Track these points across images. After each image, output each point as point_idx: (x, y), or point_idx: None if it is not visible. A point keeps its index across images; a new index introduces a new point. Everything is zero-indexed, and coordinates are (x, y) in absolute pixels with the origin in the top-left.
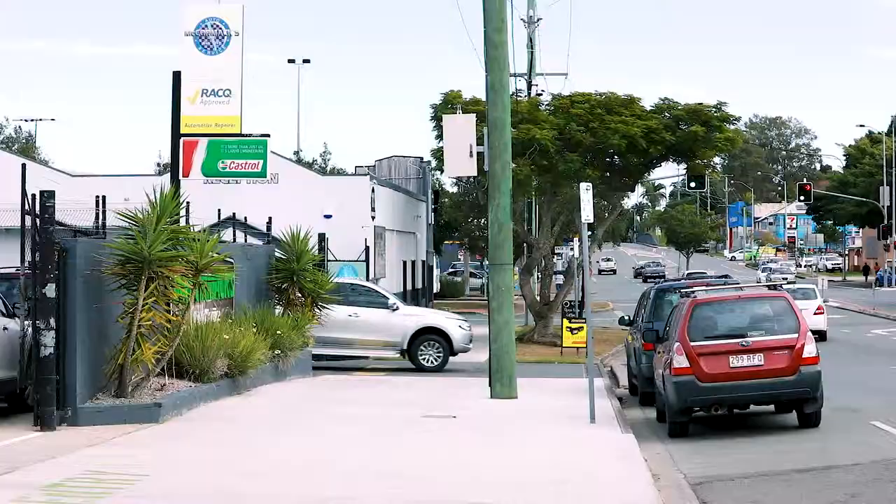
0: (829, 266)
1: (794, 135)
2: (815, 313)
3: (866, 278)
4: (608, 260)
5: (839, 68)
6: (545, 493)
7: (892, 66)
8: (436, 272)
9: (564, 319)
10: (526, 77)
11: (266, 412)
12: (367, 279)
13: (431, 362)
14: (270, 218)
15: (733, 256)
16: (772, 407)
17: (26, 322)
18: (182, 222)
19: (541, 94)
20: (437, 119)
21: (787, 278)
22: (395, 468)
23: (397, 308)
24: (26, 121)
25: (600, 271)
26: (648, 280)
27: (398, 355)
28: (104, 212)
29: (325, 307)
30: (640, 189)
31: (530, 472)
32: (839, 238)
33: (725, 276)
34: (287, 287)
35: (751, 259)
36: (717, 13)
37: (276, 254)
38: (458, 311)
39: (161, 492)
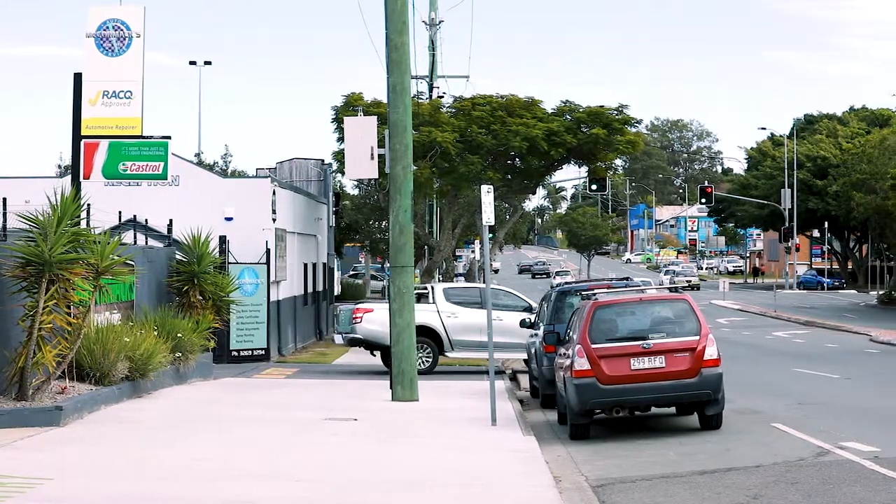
0: (731, 269)
1: (695, 137)
2: None
3: (755, 279)
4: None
5: (741, 71)
6: (444, 495)
7: (795, 69)
8: (337, 274)
9: None
10: (427, 79)
11: (167, 415)
12: (269, 281)
13: None
14: (171, 220)
15: (628, 259)
16: (673, 409)
17: None
18: (83, 224)
19: (442, 97)
20: (338, 121)
21: (690, 281)
22: (294, 470)
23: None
24: None
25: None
26: (536, 277)
27: None
28: (4, 214)
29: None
30: (541, 191)
31: (430, 474)
32: (741, 241)
33: (627, 279)
34: (188, 289)
35: (647, 261)
36: (619, 16)
37: (177, 256)
38: None
39: (62, 495)
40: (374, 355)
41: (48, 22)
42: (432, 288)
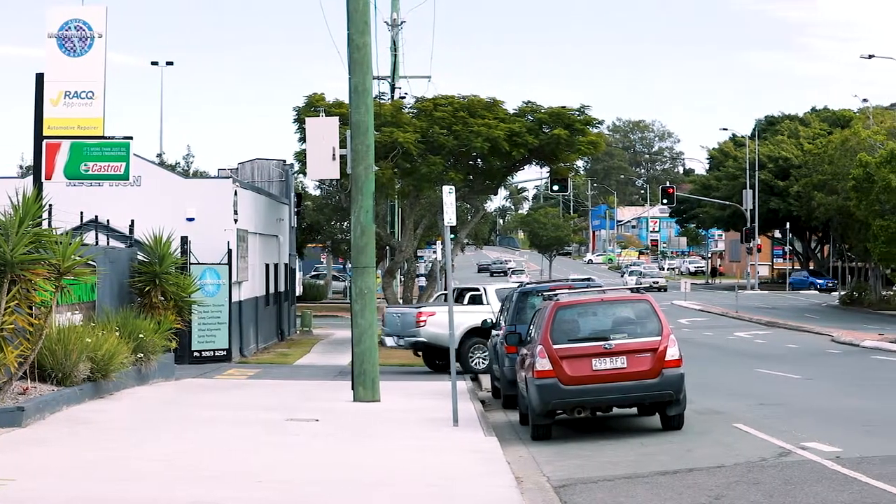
0: (692, 269)
1: (657, 138)
2: None
3: (711, 280)
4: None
5: (704, 72)
6: (406, 495)
7: (757, 70)
8: (298, 275)
9: None
10: (389, 80)
11: (129, 416)
12: (230, 282)
13: None
14: (133, 221)
15: (590, 260)
16: (635, 409)
17: None
18: (45, 225)
19: (404, 97)
20: (300, 122)
21: (657, 282)
22: (256, 471)
23: None
24: None
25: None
26: (494, 275)
27: None
28: None
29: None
30: (503, 192)
31: (392, 475)
32: (702, 241)
33: (588, 279)
34: (149, 290)
35: (609, 262)
36: (581, 17)
37: (139, 257)
38: (321, 315)
39: (25, 496)
40: (418, 355)
41: (9, 22)
42: (485, 290)
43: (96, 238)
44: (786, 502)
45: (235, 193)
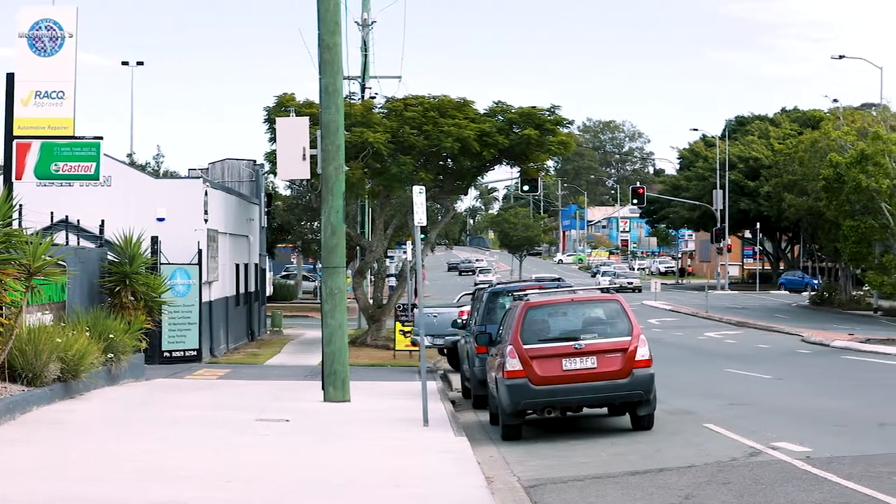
0: (663, 269)
1: (627, 138)
2: None
3: (681, 280)
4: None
5: (675, 72)
6: (376, 495)
7: (727, 70)
8: (269, 275)
9: (398, 322)
10: (360, 80)
11: (100, 416)
12: (200, 282)
13: None
14: (103, 221)
15: (560, 260)
16: (605, 410)
17: None
18: (15, 225)
19: (374, 97)
20: (270, 122)
21: (631, 283)
22: (226, 471)
23: None
24: None
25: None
26: (462, 274)
27: None
28: None
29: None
30: (473, 192)
31: (362, 475)
32: (672, 241)
33: (558, 279)
34: (120, 290)
35: (580, 262)
36: (552, 16)
37: (109, 257)
38: (291, 315)
39: None
40: (443, 355)
41: None
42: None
43: (67, 238)
44: (756, 502)
45: (206, 193)
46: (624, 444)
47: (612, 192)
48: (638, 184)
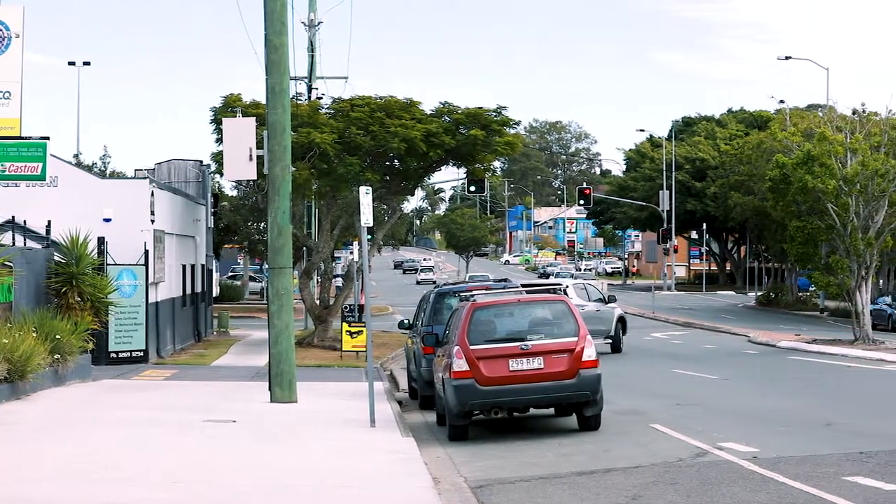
0: (609, 270)
1: (574, 139)
2: None
3: (627, 281)
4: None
5: (620, 73)
6: (323, 496)
7: (674, 71)
8: (215, 276)
9: (344, 323)
10: (307, 80)
11: (45, 417)
12: (147, 283)
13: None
14: (50, 221)
15: (507, 260)
16: (552, 410)
17: None
18: None
19: (321, 98)
20: (217, 122)
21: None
22: (172, 472)
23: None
24: None
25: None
26: (406, 272)
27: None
28: None
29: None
30: (419, 193)
31: (308, 475)
32: (619, 242)
33: (505, 280)
34: (66, 291)
35: (526, 262)
36: (499, 17)
37: (56, 257)
38: (238, 316)
39: None
40: None
41: None
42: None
43: (13, 239)
44: (703, 502)
45: (152, 194)
46: (571, 445)
47: (559, 192)
48: (584, 184)
